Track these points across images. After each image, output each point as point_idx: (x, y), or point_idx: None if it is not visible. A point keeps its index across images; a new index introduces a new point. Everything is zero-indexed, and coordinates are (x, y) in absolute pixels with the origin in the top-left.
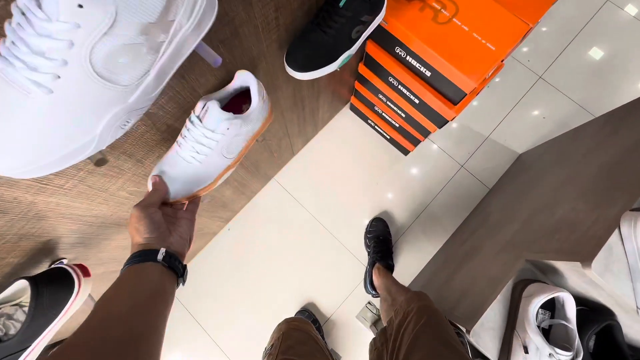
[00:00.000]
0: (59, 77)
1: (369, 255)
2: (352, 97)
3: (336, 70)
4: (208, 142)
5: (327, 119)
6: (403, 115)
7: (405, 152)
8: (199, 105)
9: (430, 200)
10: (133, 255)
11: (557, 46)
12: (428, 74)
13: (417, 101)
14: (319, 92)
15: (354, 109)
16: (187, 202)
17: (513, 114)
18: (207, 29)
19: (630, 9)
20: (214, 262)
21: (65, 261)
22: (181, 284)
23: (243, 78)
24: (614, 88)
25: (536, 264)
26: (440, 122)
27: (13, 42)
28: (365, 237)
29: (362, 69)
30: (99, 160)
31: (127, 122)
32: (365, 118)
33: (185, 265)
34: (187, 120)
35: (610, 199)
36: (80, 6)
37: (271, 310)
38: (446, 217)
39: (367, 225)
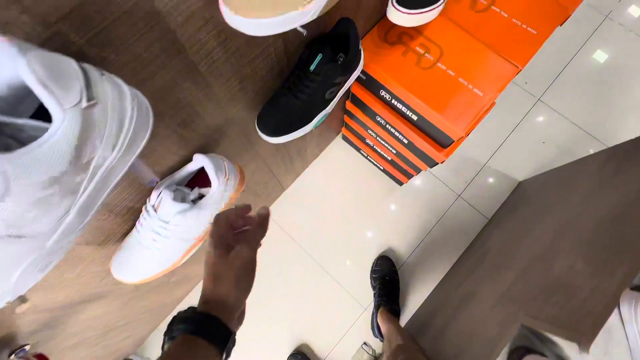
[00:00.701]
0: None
1: (374, 296)
2: (343, 128)
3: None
4: (165, 232)
5: (318, 152)
6: (394, 152)
7: (400, 182)
8: (154, 194)
9: (426, 232)
10: (203, 316)
11: (555, 66)
12: (415, 117)
13: (405, 141)
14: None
15: (346, 139)
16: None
17: (511, 139)
18: (141, 148)
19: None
20: None
21: (27, 348)
22: None
23: (199, 161)
24: (618, 108)
25: (533, 331)
26: (431, 162)
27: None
28: (371, 277)
29: (350, 106)
30: (20, 298)
31: (49, 263)
32: (357, 148)
33: (234, 344)
34: (144, 208)
35: (609, 265)
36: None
37: (263, 353)
38: (443, 251)
39: (373, 264)
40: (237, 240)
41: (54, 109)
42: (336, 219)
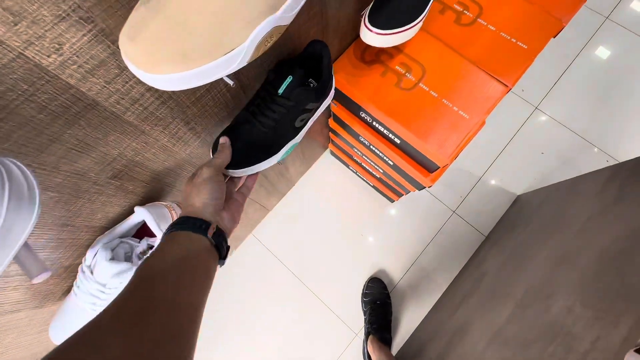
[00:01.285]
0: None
1: (365, 322)
2: (330, 144)
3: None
4: (103, 295)
5: (304, 170)
6: (381, 171)
7: (391, 200)
8: (89, 254)
9: (420, 252)
10: (183, 219)
11: (553, 72)
12: (398, 141)
13: (391, 163)
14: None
15: (333, 154)
16: (243, 181)
17: (508, 150)
18: (28, 232)
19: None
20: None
21: None
22: (220, 265)
23: (139, 214)
24: (620, 114)
25: None
26: (418, 186)
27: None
28: (362, 301)
29: (333, 125)
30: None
31: None
32: (346, 164)
33: (229, 246)
34: (79, 269)
35: (613, 312)
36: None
37: None
38: (438, 272)
39: (364, 286)
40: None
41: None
42: (325, 238)
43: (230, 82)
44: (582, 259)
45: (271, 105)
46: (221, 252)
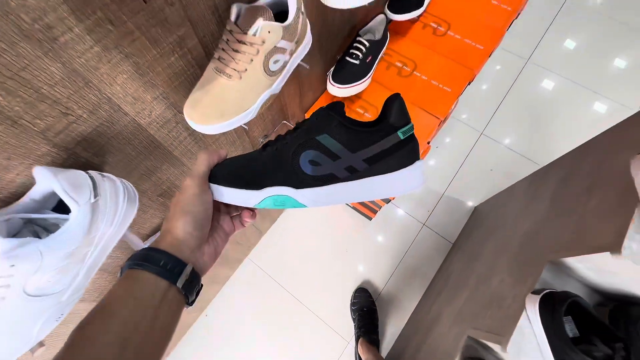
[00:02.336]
0: None
1: (354, 328)
2: None
3: None
4: None
5: None
6: None
7: (369, 217)
8: None
9: (398, 262)
10: (153, 252)
11: (492, 103)
12: None
13: None
14: None
15: None
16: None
17: (463, 169)
18: (130, 221)
19: (576, 37)
20: (197, 348)
21: None
22: (186, 306)
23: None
24: (550, 134)
25: (477, 341)
26: (385, 200)
27: None
28: (351, 310)
29: None
30: (39, 344)
31: (63, 313)
32: None
33: (201, 287)
34: None
35: (524, 275)
36: (13, 265)
37: None
38: (416, 277)
39: (351, 296)
40: None
41: (73, 206)
42: (314, 257)
43: (246, 127)
44: (511, 245)
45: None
46: (189, 298)
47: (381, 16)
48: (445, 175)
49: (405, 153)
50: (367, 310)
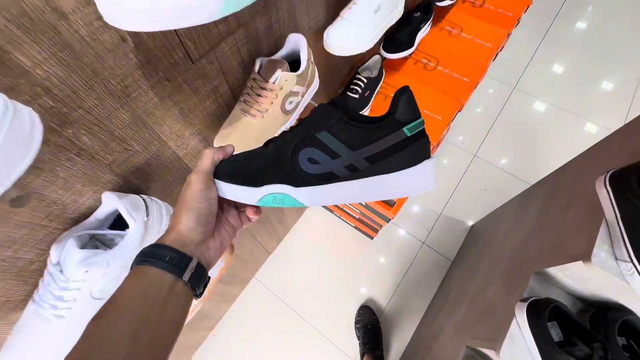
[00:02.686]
0: (70, 308)
1: (359, 346)
2: None
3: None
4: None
5: (297, 217)
6: (358, 212)
7: (371, 237)
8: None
9: (400, 279)
10: (160, 248)
11: (484, 127)
12: None
13: (363, 203)
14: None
15: None
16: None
17: (459, 189)
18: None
19: (558, 67)
20: None
21: None
22: (195, 299)
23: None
24: (539, 155)
25: (475, 350)
26: (386, 218)
27: (43, 292)
28: (355, 327)
29: None
30: (16, 199)
31: None
32: (330, 210)
33: (209, 279)
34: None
35: (514, 285)
36: (87, 271)
37: None
38: (417, 295)
39: (355, 314)
40: None
41: (132, 224)
42: (318, 276)
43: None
44: (503, 259)
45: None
46: (197, 290)
47: (377, 56)
48: (442, 195)
49: (413, 151)
50: (371, 328)
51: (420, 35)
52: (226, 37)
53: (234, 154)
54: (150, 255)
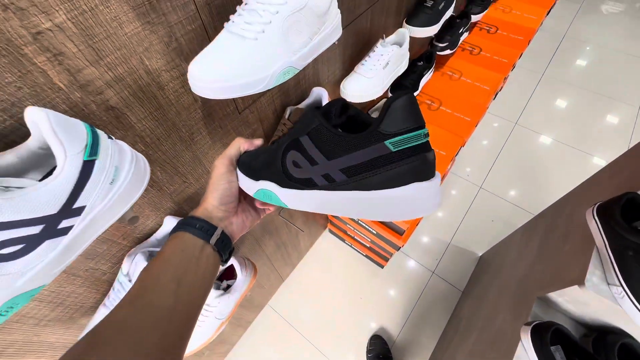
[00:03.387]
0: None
1: None
2: (329, 224)
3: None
4: (206, 312)
5: (309, 245)
6: (369, 240)
7: (381, 266)
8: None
9: (411, 309)
10: (191, 219)
11: (489, 161)
12: None
13: (374, 232)
14: (297, 232)
15: (331, 232)
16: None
17: (466, 220)
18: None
19: (557, 104)
20: None
21: None
22: (222, 265)
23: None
24: (543, 187)
25: None
26: (395, 247)
27: (114, 298)
28: (367, 357)
29: None
30: (132, 219)
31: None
32: (342, 239)
33: (233, 249)
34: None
35: (520, 311)
36: None
37: None
38: (429, 325)
39: (367, 343)
40: None
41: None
42: (330, 304)
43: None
44: (510, 287)
45: None
46: (223, 256)
47: (385, 99)
48: (450, 226)
49: (400, 170)
50: (382, 358)
51: (424, 81)
52: (265, 93)
53: (260, 140)
54: (186, 224)
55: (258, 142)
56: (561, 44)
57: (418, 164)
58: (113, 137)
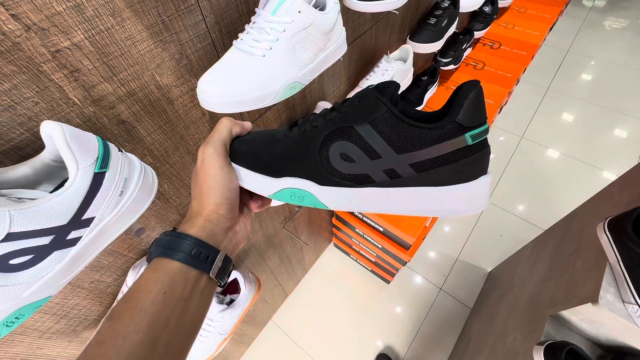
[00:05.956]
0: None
1: None
2: (334, 238)
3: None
4: (208, 327)
5: (314, 260)
6: (374, 254)
7: (387, 281)
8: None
9: (418, 327)
10: (181, 238)
11: (496, 172)
12: (381, 229)
13: (380, 246)
14: (301, 246)
15: (336, 246)
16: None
17: (474, 235)
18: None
19: (562, 118)
20: None
21: None
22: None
23: (233, 274)
24: (552, 202)
25: None
26: (402, 261)
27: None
28: None
29: (335, 222)
30: (139, 230)
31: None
32: (347, 253)
33: (233, 267)
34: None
35: (531, 330)
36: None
37: None
38: (437, 344)
39: None
40: None
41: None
42: (335, 320)
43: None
44: (520, 304)
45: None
46: (222, 282)
47: None
48: (457, 240)
49: (471, 164)
50: None
51: (428, 95)
52: (271, 107)
53: (251, 131)
54: (173, 246)
55: (248, 125)
56: (565, 58)
57: (486, 157)
58: (123, 150)
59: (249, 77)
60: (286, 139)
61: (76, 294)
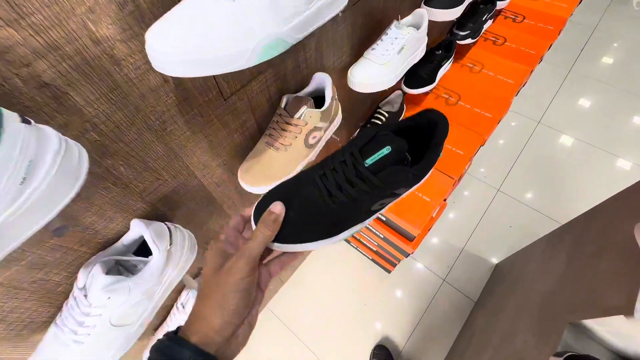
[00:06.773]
0: (89, 334)
1: None
2: None
3: None
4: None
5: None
6: (376, 244)
7: (388, 271)
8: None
9: (419, 318)
10: (183, 347)
11: (509, 163)
12: (384, 218)
13: (381, 236)
14: None
15: None
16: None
17: (482, 225)
18: (189, 266)
19: (584, 102)
20: None
21: None
22: None
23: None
24: (565, 192)
25: None
26: (404, 253)
27: (65, 316)
28: None
29: None
30: (59, 229)
31: (128, 345)
32: (347, 241)
33: None
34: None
35: (545, 335)
36: (109, 298)
37: None
38: (437, 337)
39: (370, 354)
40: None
41: (156, 252)
42: (332, 309)
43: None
44: (531, 303)
45: (351, 177)
46: None
47: (398, 91)
48: (464, 230)
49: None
50: None
51: (442, 72)
52: (256, 77)
53: (282, 213)
54: (170, 354)
55: (281, 217)
56: (591, 37)
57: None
58: (32, 121)
59: (214, 29)
60: (333, 209)
61: (12, 296)
